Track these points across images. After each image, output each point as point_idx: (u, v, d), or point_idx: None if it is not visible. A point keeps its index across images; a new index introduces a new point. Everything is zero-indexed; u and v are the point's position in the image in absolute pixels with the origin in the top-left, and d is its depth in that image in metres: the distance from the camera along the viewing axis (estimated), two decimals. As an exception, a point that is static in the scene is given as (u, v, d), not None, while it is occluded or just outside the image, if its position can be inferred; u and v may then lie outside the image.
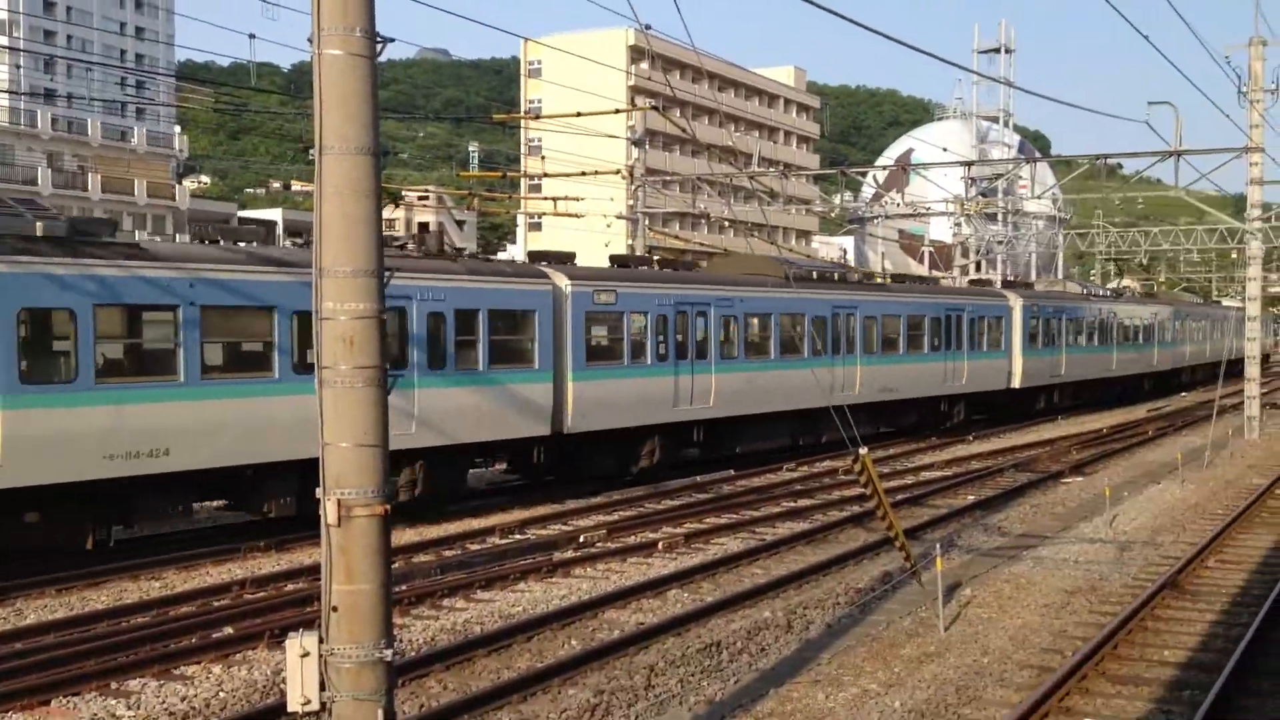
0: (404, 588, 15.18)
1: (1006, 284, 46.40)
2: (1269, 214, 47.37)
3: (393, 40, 6.75)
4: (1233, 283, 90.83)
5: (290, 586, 15.69)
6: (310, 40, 6.63)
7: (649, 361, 24.83)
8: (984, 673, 12.03)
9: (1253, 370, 36.68)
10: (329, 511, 6.64)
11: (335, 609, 6.74)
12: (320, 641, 6.78)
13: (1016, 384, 39.32)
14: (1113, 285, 64.23)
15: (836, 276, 33.60)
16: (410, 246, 21.90)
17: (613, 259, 27.11)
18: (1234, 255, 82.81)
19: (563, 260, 23.79)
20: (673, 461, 26.30)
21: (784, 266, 31.11)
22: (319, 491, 6.71)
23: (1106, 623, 13.49)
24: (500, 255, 37.61)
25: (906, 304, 33.86)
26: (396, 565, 16.83)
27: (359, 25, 6.56)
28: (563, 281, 23.18)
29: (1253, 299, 37.84)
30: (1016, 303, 39.45)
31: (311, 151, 6.75)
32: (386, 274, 6.74)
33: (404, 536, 18.97)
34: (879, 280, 38.05)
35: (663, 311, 25.14)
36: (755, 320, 27.95)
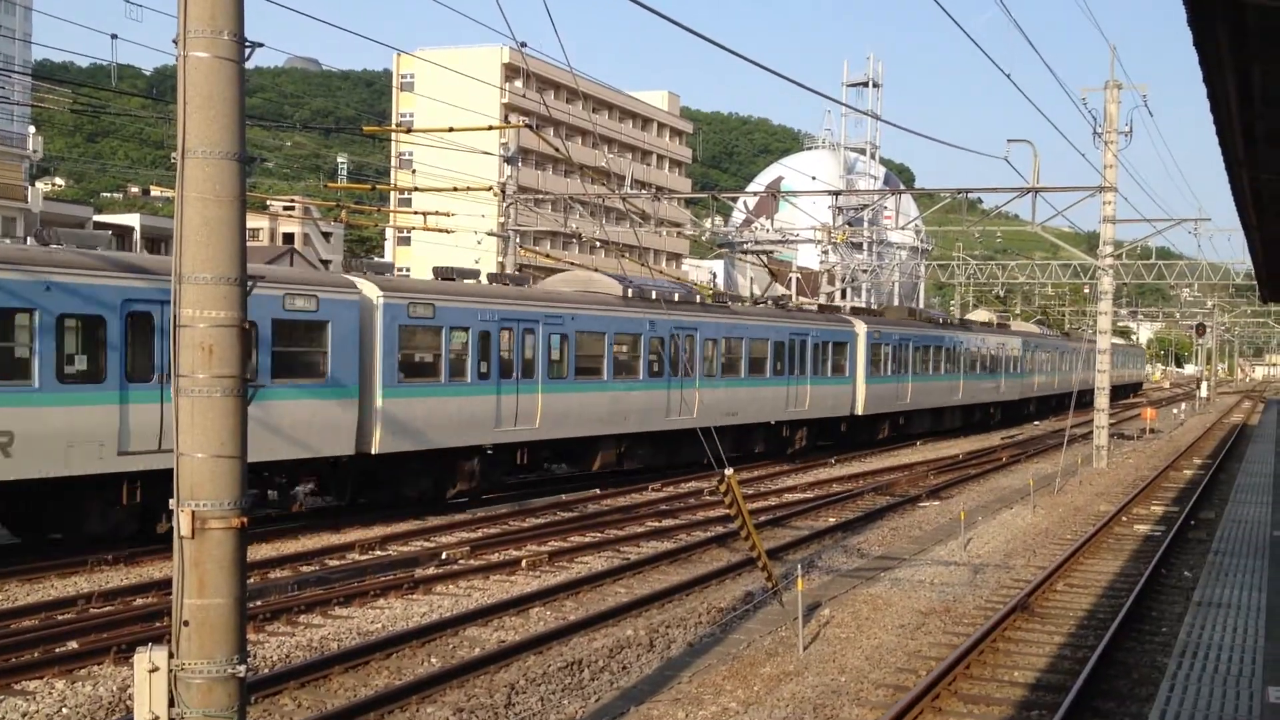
0: (259, 603, 14.84)
1: (1001, 323, 61.27)
2: (1120, 251, 49.24)
3: (261, 45, 6.62)
4: (1084, 316, 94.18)
5: (139, 601, 15.22)
6: (176, 41, 6.47)
7: (891, 374, 40.97)
8: (841, 692, 12.21)
9: (1101, 401, 37.99)
10: (182, 523, 6.45)
11: (187, 623, 6.54)
12: (170, 656, 6.57)
13: (1019, 396, 56.41)
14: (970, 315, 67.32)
15: (958, 322, 52.14)
16: (804, 303, 41.08)
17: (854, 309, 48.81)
18: (1086, 290, 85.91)
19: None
20: (895, 436, 42.92)
21: (931, 314, 51.73)
22: (173, 502, 6.53)
23: (959, 643, 13.81)
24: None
25: (992, 341, 51.74)
26: (252, 580, 16.43)
27: (227, 29, 6.41)
28: (860, 327, 39.12)
29: (1103, 333, 39.23)
30: (1021, 339, 56.44)
31: (174, 155, 6.58)
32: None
33: (260, 551, 18.54)
34: (975, 323, 54.86)
35: (901, 344, 41.70)
36: (930, 349, 44.44)
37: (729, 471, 14.42)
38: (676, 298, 30.73)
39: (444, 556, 18.72)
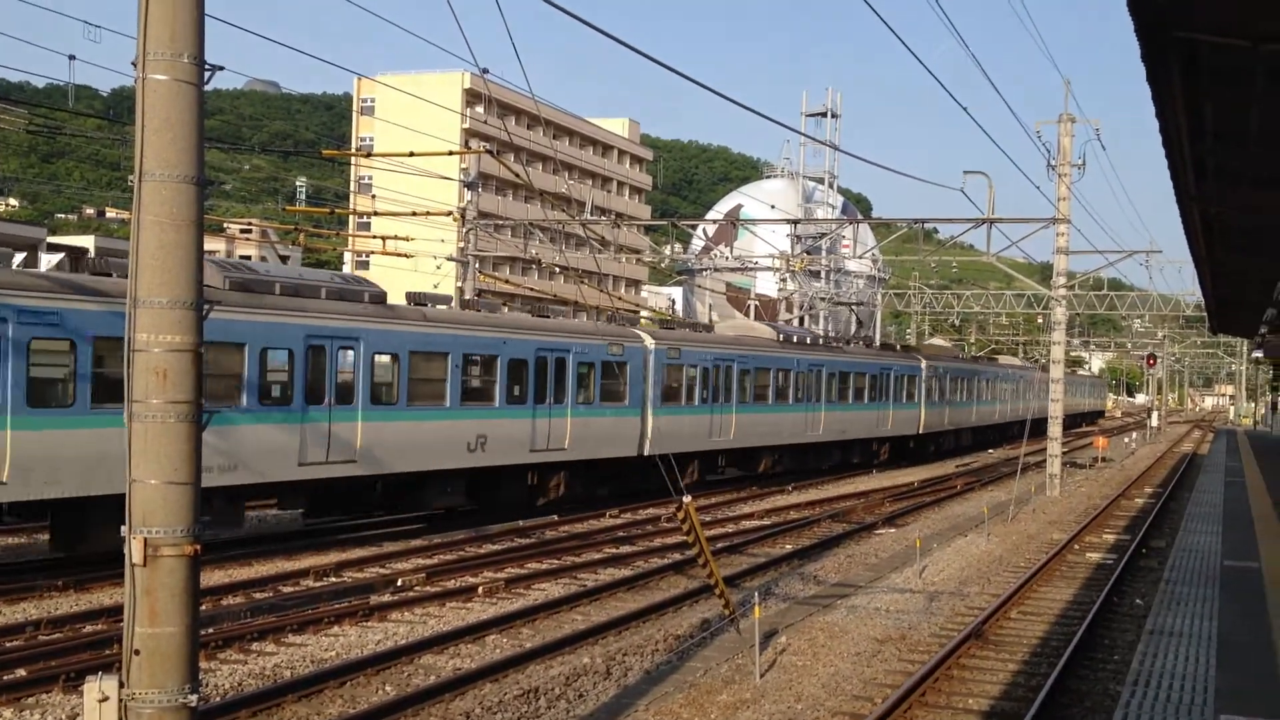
0: (211, 631, 14.67)
1: (991, 357, 74.09)
2: (1073, 282, 49.73)
3: (221, 69, 6.60)
4: (1038, 346, 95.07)
5: (89, 628, 15.00)
6: (135, 64, 6.44)
7: (939, 400, 50.00)
8: (797, 720, 12.20)
9: (1054, 430, 38.31)
10: (134, 551, 6.38)
11: (138, 652, 6.46)
12: (121, 686, 6.49)
13: (1010, 419, 63.97)
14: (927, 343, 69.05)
15: (971, 357, 65.12)
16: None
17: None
18: (1039, 320, 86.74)
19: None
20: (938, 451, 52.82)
21: (953, 350, 62.61)
22: (124, 529, 6.45)
23: (915, 671, 13.85)
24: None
25: (992, 373, 61.38)
26: (204, 607, 16.22)
27: (187, 51, 6.39)
28: (923, 362, 47.93)
29: (1056, 362, 39.61)
30: (1011, 371, 66.76)
31: (131, 178, 6.54)
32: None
33: (213, 578, 18.32)
34: (981, 358, 69.13)
35: (943, 375, 50.59)
36: (960, 380, 53.95)
37: (687, 499, 14.42)
38: (809, 341, 40.26)
39: (400, 583, 18.58)
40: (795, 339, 38.86)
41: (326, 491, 22.35)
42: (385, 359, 22.36)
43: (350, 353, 21.54)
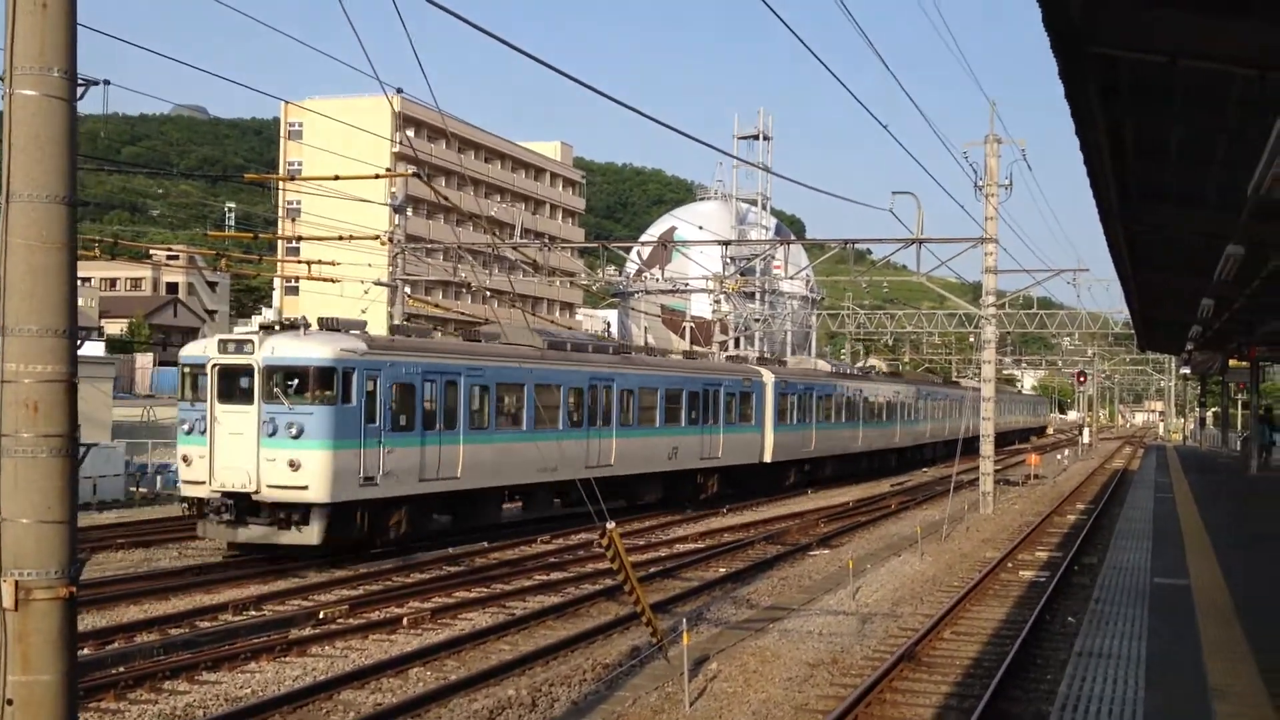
0: (122, 669, 14.17)
1: (956, 381, 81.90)
2: (1003, 301, 50.11)
3: (96, 83, 6.33)
4: (970, 364, 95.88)
5: None
6: (2, 79, 6.09)
7: (926, 416, 60.64)
8: (725, 750, 11.92)
9: (987, 448, 38.47)
10: (4, 595, 5.98)
11: (10, 702, 6.06)
12: (-8, 739, 6.09)
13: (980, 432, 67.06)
14: (861, 364, 69.75)
15: (954, 383, 74.91)
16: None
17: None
18: (971, 339, 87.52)
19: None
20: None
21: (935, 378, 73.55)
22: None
23: (847, 695, 13.63)
24: (255, 318, 37.32)
25: (972, 395, 65.26)
26: (115, 645, 15.72)
27: (57, 66, 6.03)
28: (914, 387, 59.36)
29: (987, 380, 39.79)
30: (970, 391, 71.33)
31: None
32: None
33: (127, 614, 17.76)
34: (961, 382, 77.28)
35: (939, 399, 63.60)
36: (948, 402, 65.63)
37: (611, 525, 14.14)
38: (848, 372, 51.94)
39: (321, 616, 18.09)
40: (841, 371, 50.23)
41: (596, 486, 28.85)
42: (627, 393, 31.37)
43: (609, 390, 30.51)
